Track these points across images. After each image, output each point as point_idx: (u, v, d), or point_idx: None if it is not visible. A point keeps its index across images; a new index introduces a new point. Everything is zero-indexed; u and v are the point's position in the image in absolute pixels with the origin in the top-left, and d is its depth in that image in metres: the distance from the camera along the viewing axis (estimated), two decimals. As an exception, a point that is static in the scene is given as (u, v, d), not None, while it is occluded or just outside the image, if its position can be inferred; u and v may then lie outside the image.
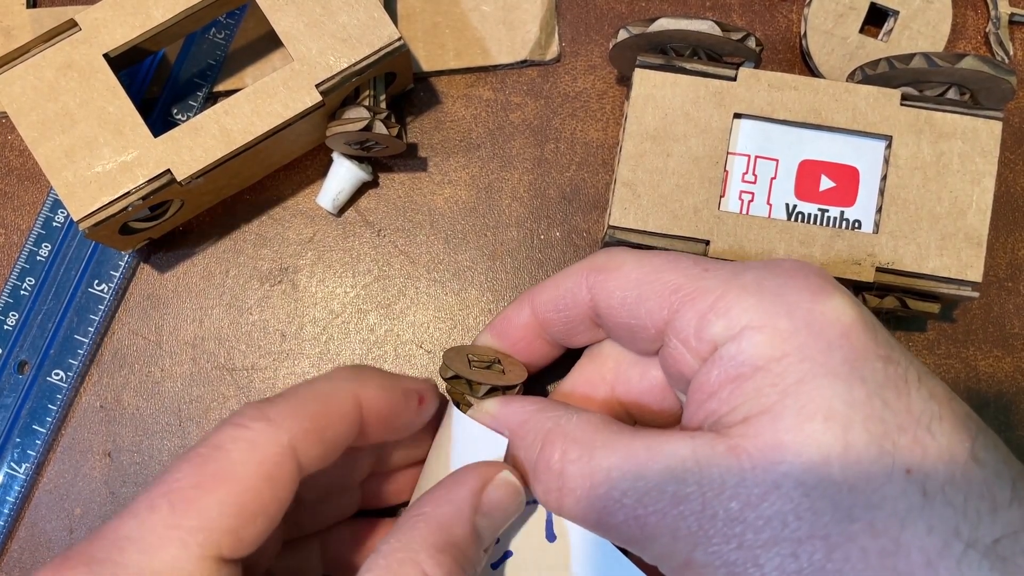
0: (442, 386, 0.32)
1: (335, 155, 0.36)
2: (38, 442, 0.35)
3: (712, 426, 0.23)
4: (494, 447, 0.27)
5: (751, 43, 0.32)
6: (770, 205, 0.32)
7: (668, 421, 0.29)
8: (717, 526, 0.21)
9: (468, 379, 0.28)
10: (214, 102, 0.33)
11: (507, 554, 0.27)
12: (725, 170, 0.32)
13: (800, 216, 0.32)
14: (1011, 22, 0.37)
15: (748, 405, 0.22)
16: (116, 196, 0.31)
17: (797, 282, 0.24)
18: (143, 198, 0.31)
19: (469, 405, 0.28)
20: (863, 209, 0.32)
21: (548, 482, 0.24)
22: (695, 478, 0.22)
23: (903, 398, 0.22)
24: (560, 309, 0.28)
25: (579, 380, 0.30)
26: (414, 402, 0.28)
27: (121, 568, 0.22)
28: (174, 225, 0.36)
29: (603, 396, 0.29)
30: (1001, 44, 0.37)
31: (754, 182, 0.32)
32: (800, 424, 0.21)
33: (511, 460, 0.26)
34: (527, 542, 0.27)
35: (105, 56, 0.31)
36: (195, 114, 0.35)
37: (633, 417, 0.29)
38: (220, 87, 0.37)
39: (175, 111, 0.36)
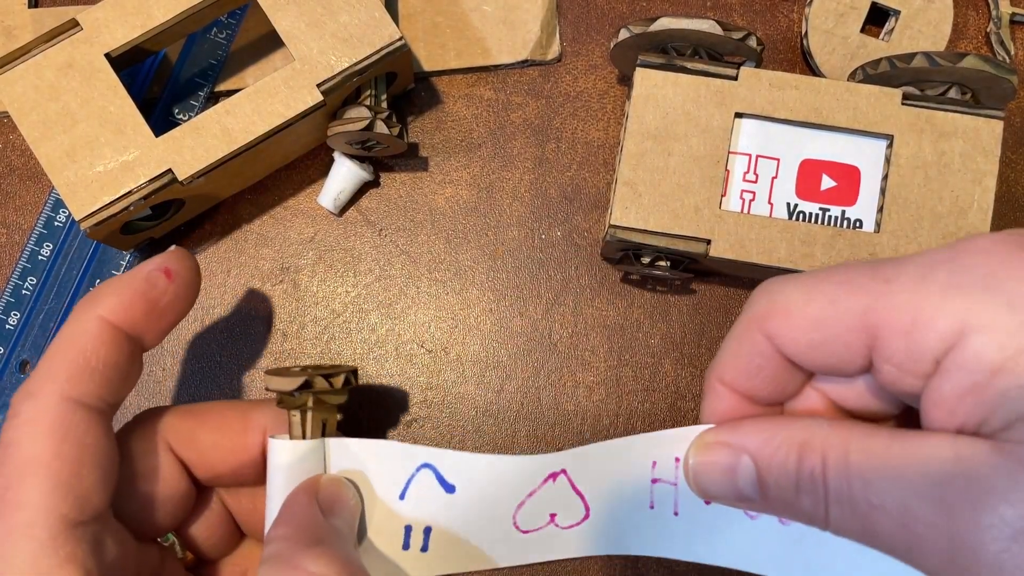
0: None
1: (336, 155, 0.36)
2: (39, 441, 0.35)
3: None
4: (314, 465, 0.27)
5: (752, 42, 0.32)
6: (771, 204, 0.32)
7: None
8: (1004, 532, 0.20)
9: (307, 378, 0.27)
10: (215, 102, 0.33)
11: None
12: (726, 169, 0.32)
13: (801, 215, 0.32)
14: (1012, 22, 0.37)
15: (1002, 412, 0.21)
16: (118, 196, 0.31)
17: (1003, 265, 0.21)
18: (144, 197, 0.31)
19: (321, 404, 0.28)
20: (864, 208, 0.32)
21: (814, 493, 0.23)
22: (962, 480, 0.20)
23: None
24: (754, 374, 0.25)
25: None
26: (160, 280, 0.27)
27: None
28: (175, 224, 0.36)
29: (818, 405, 0.26)
30: (1002, 44, 0.37)
31: (755, 181, 0.32)
32: None
33: (757, 486, 0.24)
34: None
35: (106, 56, 0.31)
36: (196, 114, 0.35)
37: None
38: (221, 87, 0.37)
39: (176, 111, 0.36)
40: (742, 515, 0.25)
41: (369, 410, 0.36)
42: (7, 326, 0.35)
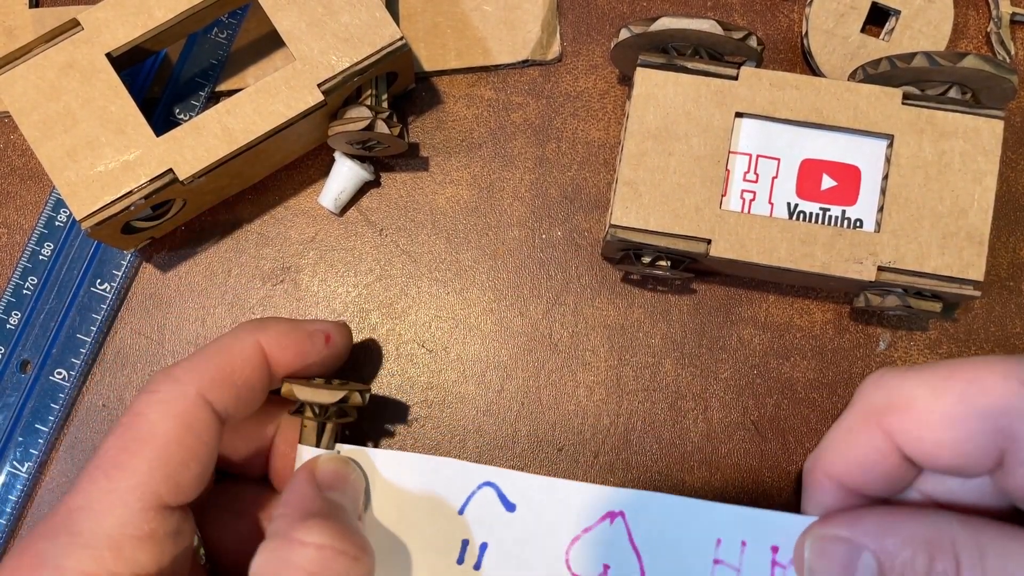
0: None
1: (337, 155, 0.36)
2: (40, 441, 0.35)
3: None
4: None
5: (752, 42, 0.32)
6: (772, 204, 0.32)
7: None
8: None
9: (314, 401, 0.28)
10: (216, 101, 0.33)
11: None
12: (727, 169, 0.32)
13: (802, 215, 0.32)
14: (1012, 21, 0.37)
15: None
16: (118, 195, 0.31)
17: None
18: (145, 197, 0.31)
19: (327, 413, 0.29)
20: (865, 208, 0.32)
21: None
22: None
23: None
24: (868, 470, 0.24)
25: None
26: (320, 340, 0.29)
27: (77, 536, 0.24)
28: (176, 224, 0.36)
29: (926, 498, 0.25)
30: (1002, 43, 0.37)
31: (756, 181, 0.32)
32: None
33: None
34: None
35: (107, 56, 0.31)
36: (197, 113, 0.35)
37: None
38: (222, 86, 0.37)
39: (177, 110, 0.36)
40: None
41: (369, 410, 0.36)
42: (8, 326, 0.35)
